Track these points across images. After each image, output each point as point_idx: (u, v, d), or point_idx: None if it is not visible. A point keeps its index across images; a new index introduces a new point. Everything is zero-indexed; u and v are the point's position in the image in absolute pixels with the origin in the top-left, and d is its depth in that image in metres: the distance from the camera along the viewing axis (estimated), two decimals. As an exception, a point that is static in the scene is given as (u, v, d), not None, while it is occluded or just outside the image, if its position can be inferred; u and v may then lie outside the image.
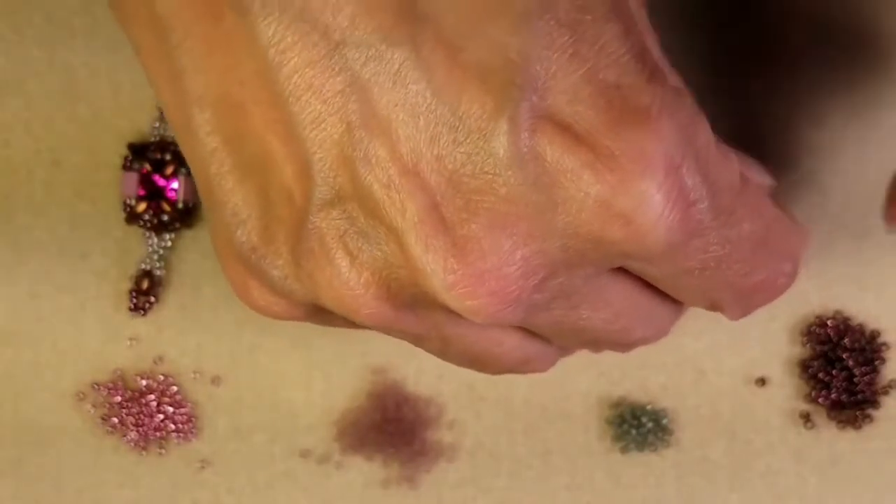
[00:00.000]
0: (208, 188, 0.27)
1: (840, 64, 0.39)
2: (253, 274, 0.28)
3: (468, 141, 0.24)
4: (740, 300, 0.30)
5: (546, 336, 0.30)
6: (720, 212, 0.26)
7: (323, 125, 0.25)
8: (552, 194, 0.25)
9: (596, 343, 0.30)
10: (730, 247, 0.27)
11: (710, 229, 0.26)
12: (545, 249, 0.25)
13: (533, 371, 0.31)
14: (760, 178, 0.30)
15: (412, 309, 0.27)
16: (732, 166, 0.27)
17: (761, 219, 0.28)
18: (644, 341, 0.31)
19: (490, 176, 0.24)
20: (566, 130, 0.24)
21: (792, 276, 0.30)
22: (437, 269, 0.25)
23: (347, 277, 0.26)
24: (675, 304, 0.31)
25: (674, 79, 0.26)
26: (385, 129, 0.24)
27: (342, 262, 0.26)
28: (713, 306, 0.30)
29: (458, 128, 0.24)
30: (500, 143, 0.24)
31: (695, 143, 0.25)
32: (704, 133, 0.26)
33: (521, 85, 0.24)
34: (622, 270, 0.28)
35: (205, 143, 0.26)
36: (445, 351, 0.29)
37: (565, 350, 0.32)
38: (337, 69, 0.24)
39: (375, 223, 0.25)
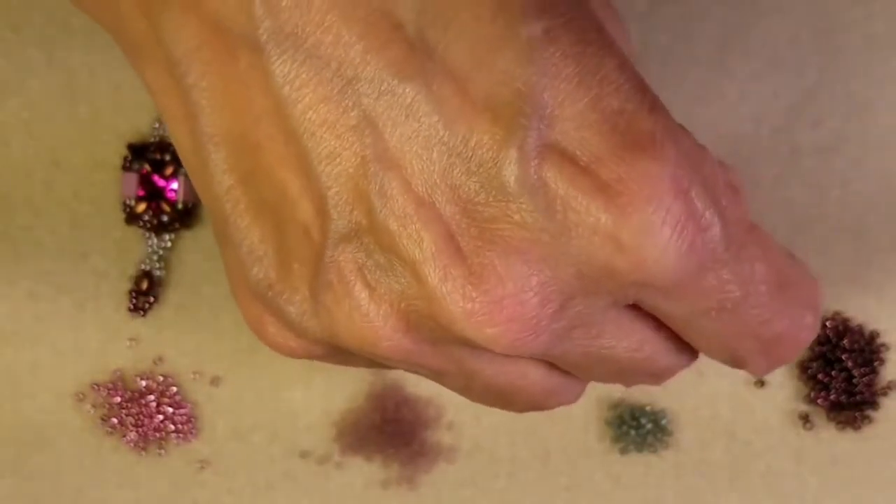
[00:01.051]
0: (224, 226, 0.27)
1: (838, 63, 0.39)
2: (269, 311, 0.28)
3: (480, 171, 0.24)
4: (762, 352, 0.29)
5: (571, 368, 0.29)
6: (732, 243, 0.26)
7: (338, 160, 0.25)
8: (564, 220, 0.25)
9: (623, 374, 0.30)
10: (746, 288, 0.27)
11: (724, 263, 0.26)
12: (561, 275, 0.25)
13: (559, 404, 0.31)
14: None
15: (432, 343, 0.27)
16: (742, 201, 0.27)
17: (774, 261, 0.28)
18: (672, 369, 0.30)
19: (503, 204, 0.25)
20: (574, 157, 0.24)
21: (813, 329, 0.29)
22: (455, 298, 0.25)
23: (367, 310, 0.26)
24: None
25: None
26: (399, 162, 0.25)
27: (361, 294, 0.26)
28: (735, 360, 0.29)
29: (470, 158, 0.24)
30: (511, 172, 0.24)
31: (701, 170, 0.25)
32: (710, 163, 0.26)
33: (529, 114, 0.24)
34: (643, 311, 0.28)
35: (220, 182, 0.26)
36: (469, 387, 0.29)
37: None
38: (350, 104, 0.24)
39: (392, 256, 0.25)
